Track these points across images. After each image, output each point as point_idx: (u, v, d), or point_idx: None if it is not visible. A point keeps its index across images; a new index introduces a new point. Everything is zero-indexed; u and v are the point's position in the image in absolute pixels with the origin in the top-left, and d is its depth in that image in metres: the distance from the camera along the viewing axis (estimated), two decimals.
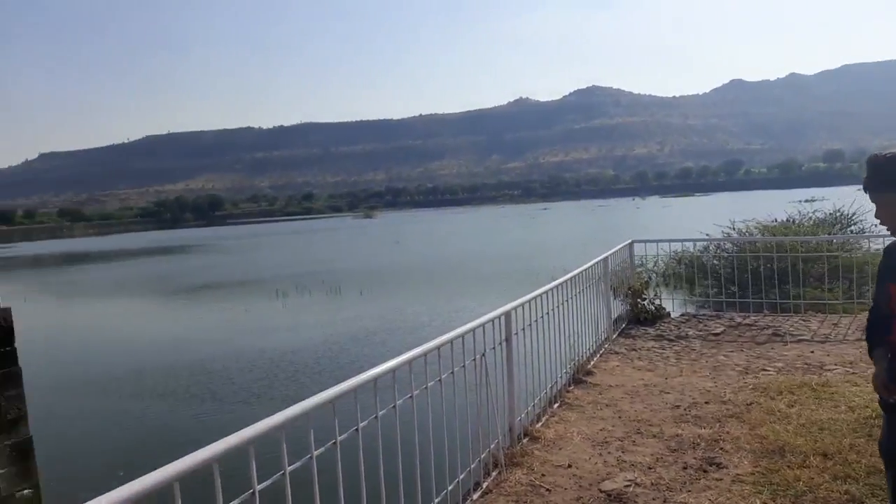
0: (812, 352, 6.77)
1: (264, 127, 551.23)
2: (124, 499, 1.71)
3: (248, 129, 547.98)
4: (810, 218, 16.00)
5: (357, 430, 2.96)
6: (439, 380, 3.75)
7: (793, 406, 5.02)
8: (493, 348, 4.59)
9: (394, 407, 3.28)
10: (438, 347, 3.70)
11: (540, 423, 5.00)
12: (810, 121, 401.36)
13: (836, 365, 6.20)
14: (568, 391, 5.80)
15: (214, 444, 2.07)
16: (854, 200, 13.47)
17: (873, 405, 4.72)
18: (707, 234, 14.16)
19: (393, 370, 3.24)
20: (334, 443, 2.77)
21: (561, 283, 6.02)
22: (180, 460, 1.94)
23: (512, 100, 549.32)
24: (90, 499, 1.66)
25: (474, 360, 4.25)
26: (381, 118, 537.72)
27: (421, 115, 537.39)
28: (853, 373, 5.87)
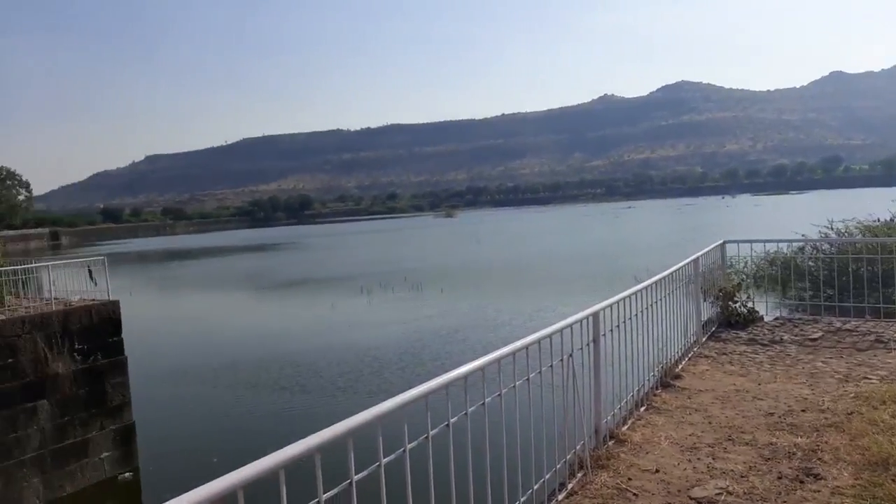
0: None
1: (352, 129, 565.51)
2: (230, 486, 1.82)
3: (337, 131, 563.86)
4: None
5: (448, 425, 3.06)
6: (527, 379, 3.81)
7: None
8: (581, 349, 4.59)
9: (483, 404, 3.37)
10: (527, 347, 3.75)
11: (626, 426, 4.96)
12: None
13: None
14: (655, 395, 5.71)
15: (313, 435, 2.19)
16: None
17: None
18: (802, 235, 13.51)
19: (482, 368, 3.32)
20: (426, 437, 2.88)
21: (650, 285, 5.93)
22: (281, 451, 2.04)
23: (596, 97, 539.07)
24: (185, 484, 1.80)
25: (561, 360, 4.26)
26: (464, 118, 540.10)
27: (503, 115, 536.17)
28: None
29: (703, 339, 7.61)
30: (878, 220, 15.47)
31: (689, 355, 6.96)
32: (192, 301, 25.82)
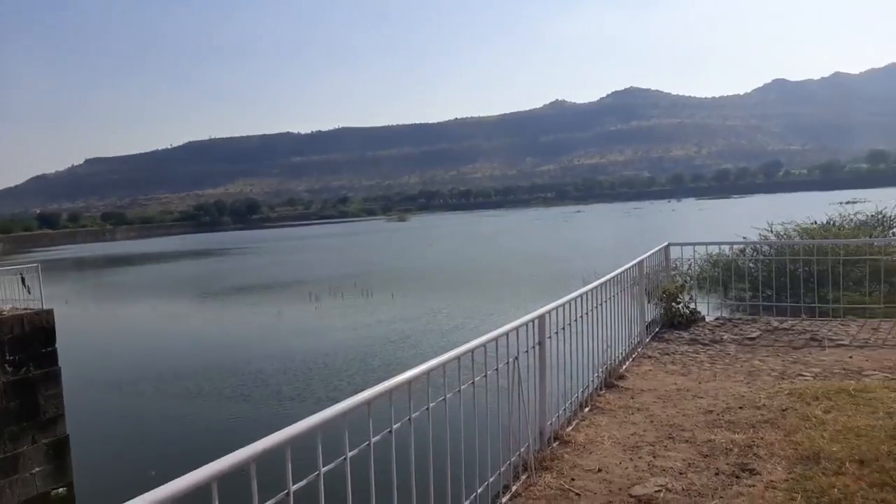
0: (850, 357, 6.64)
1: (302, 132, 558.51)
2: (163, 498, 1.76)
3: (287, 134, 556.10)
4: (851, 220, 15.67)
5: (391, 431, 3.03)
6: (472, 383, 3.81)
7: (829, 412, 4.94)
8: (526, 351, 4.64)
9: (427, 409, 3.35)
10: (472, 351, 3.77)
11: (571, 427, 5.01)
12: (854, 121, 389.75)
13: (875, 370, 6.07)
14: (599, 395, 5.79)
15: (248, 446, 2.14)
16: None
17: None
18: (744, 237, 13.97)
19: (427, 373, 3.31)
20: (368, 444, 2.85)
21: (595, 287, 6.04)
22: (218, 461, 2.00)
23: (548, 102, 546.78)
24: (121, 498, 1.73)
25: (507, 363, 4.30)
26: (417, 122, 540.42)
27: (456, 119, 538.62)
28: (893, 378, 5.74)
29: (647, 340, 7.77)
30: (815, 223, 16.11)
31: (634, 356, 7.09)
32: (131, 309, 25.00)
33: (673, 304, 8.64)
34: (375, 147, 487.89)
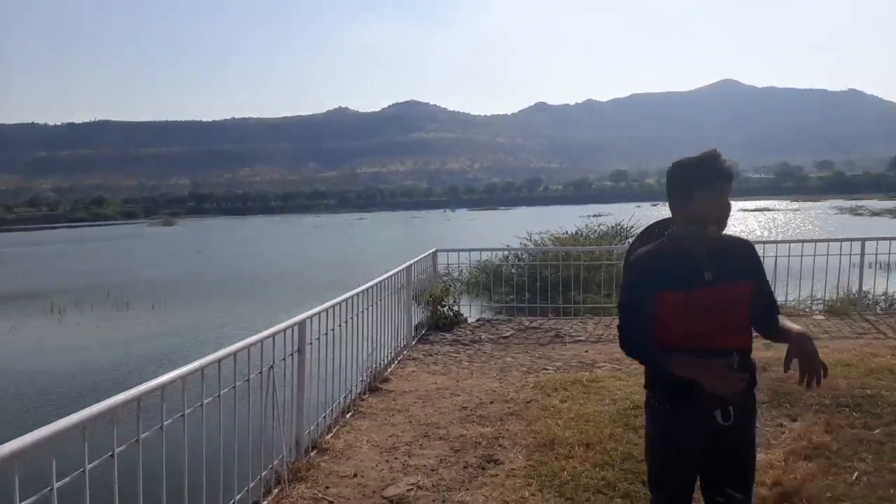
0: (587, 351, 7.45)
1: (51, 123, 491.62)
2: None
3: (32, 125, 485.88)
4: (595, 231, 17.77)
5: (113, 455, 2.69)
6: (218, 395, 3.56)
7: (565, 401, 5.46)
8: (284, 359, 4.50)
9: (160, 428, 3.05)
10: (219, 361, 3.54)
11: (330, 435, 4.93)
12: (603, 143, 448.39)
13: (605, 362, 6.88)
14: (363, 400, 5.80)
15: None
16: (633, 215, 15.15)
17: (633, 397, 5.30)
18: (507, 245, 15.12)
19: (161, 387, 3.02)
20: (112, 455, 2.66)
21: (361, 292, 6.05)
22: None
23: (331, 108, 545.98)
24: None
25: (261, 372, 4.13)
26: (189, 119, 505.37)
27: (234, 119, 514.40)
28: (619, 369, 6.54)
29: (414, 343, 8.00)
30: (566, 233, 18.00)
31: (399, 359, 7.24)
32: None
33: (439, 307, 9.03)
34: (139, 144, 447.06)
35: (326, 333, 5.12)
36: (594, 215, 31.43)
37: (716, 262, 2.27)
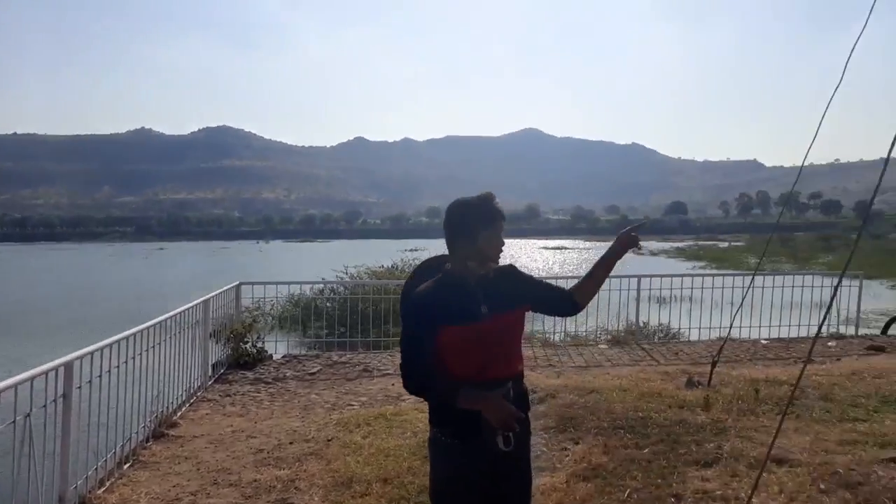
0: (393, 384, 7.43)
1: None
2: None
3: None
4: (410, 265, 18.14)
5: None
6: None
7: (367, 437, 5.38)
8: (44, 406, 3.97)
9: None
10: None
11: (103, 489, 4.39)
12: (419, 180, 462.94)
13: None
14: (145, 448, 5.25)
15: None
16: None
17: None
18: (322, 278, 14.86)
19: None
20: None
21: (146, 329, 5.54)
22: None
23: (133, 129, 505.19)
24: None
25: (14, 422, 3.61)
26: None
27: (15, 134, 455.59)
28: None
29: (210, 383, 7.46)
30: (383, 267, 18.13)
31: (192, 401, 6.70)
32: None
33: (241, 343, 8.54)
34: None
35: (101, 375, 4.61)
36: (411, 249, 32.11)
37: (490, 296, 2.38)
